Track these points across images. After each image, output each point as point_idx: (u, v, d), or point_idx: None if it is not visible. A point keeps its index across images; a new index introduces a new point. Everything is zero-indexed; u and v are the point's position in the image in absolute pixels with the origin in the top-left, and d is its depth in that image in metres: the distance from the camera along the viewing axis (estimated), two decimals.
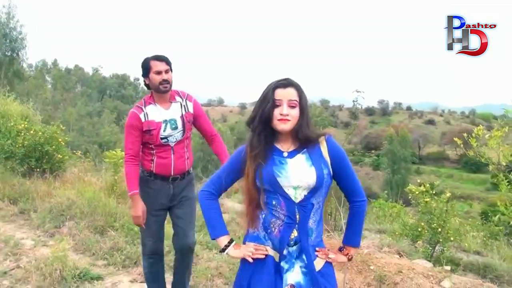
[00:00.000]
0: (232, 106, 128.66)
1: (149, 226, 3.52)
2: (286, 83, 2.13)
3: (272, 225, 2.14)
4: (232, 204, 9.93)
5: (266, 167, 2.11)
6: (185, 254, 3.69)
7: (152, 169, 3.49)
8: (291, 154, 2.15)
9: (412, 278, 4.76)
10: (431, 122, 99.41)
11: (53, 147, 8.50)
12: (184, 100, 3.53)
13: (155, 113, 3.41)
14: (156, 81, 3.32)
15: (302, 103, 2.14)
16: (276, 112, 2.10)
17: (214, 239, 2.29)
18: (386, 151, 56.75)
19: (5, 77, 33.24)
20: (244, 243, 2.25)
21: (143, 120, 3.37)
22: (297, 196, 2.10)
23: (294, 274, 2.12)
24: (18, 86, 34.51)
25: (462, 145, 4.89)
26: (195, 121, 3.60)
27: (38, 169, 8.32)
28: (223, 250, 2.24)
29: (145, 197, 3.48)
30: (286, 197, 2.10)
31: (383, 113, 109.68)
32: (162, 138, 3.41)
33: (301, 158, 2.14)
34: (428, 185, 7.40)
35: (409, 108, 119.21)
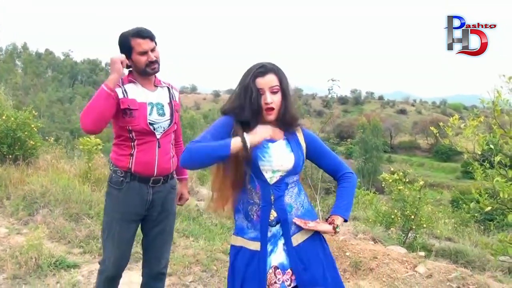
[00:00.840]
0: (206, 94, 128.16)
1: (114, 238, 2.84)
2: (264, 71, 2.11)
3: (250, 212, 2.14)
4: (208, 192, 9.91)
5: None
6: (158, 281, 3.14)
7: (130, 166, 2.77)
8: (273, 140, 2.16)
9: (388, 264, 4.85)
10: (402, 111, 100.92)
11: (26, 133, 8.32)
12: (170, 88, 2.98)
13: (136, 92, 2.78)
14: (141, 63, 2.73)
15: (283, 87, 2.13)
16: (260, 101, 2.10)
17: (227, 150, 1.98)
18: (358, 140, 57.38)
19: None
20: (235, 235, 2.22)
21: (120, 96, 2.71)
22: (272, 179, 2.13)
23: (277, 255, 2.12)
24: None
25: (437, 134, 4.97)
26: None
27: (10, 156, 8.13)
28: (244, 144, 2.00)
29: (113, 204, 2.85)
30: (263, 180, 2.12)
31: (356, 102, 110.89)
32: (150, 124, 2.76)
33: (282, 144, 2.17)
34: (401, 173, 7.54)
35: (381, 98, 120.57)
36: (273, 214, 2.12)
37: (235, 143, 1.99)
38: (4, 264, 4.26)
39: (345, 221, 2.20)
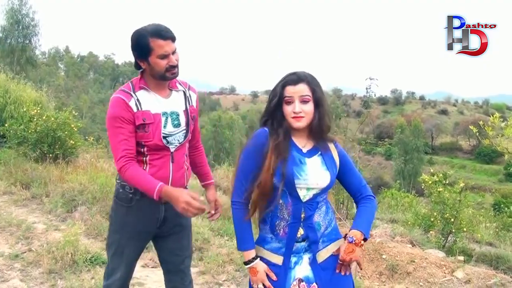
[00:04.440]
0: (244, 95, 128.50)
1: (123, 255, 2.59)
2: (296, 79, 2.08)
3: (277, 227, 2.12)
4: None
5: (287, 166, 2.05)
6: None
7: None
8: (310, 154, 2.13)
9: (425, 268, 4.73)
10: (444, 112, 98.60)
11: (66, 132, 8.53)
12: (187, 90, 2.62)
13: (150, 101, 2.44)
14: (161, 67, 2.37)
15: (315, 97, 2.09)
16: (289, 109, 2.08)
17: (240, 250, 2.19)
18: (397, 141, 56.51)
19: (17, 64, 33.42)
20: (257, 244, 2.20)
21: (134, 109, 2.38)
22: (306, 197, 2.09)
23: (302, 268, 2.11)
24: (31, 73, 34.67)
25: (477, 134, 4.81)
26: None
27: (50, 155, 8.36)
28: (247, 263, 2.14)
29: (121, 222, 2.58)
30: (296, 197, 2.08)
31: (396, 103, 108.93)
32: (164, 137, 2.45)
33: (317, 160, 2.13)
34: (441, 175, 7.36)
35: (422, 98, 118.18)
36: (300, 232, 2.10)
37: (246, 253, 2.14)
38: (41, 259, 4.36)
39: (365, 240, 2.11)
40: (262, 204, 2.12)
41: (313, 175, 2.08)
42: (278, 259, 2.11)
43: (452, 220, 6.57)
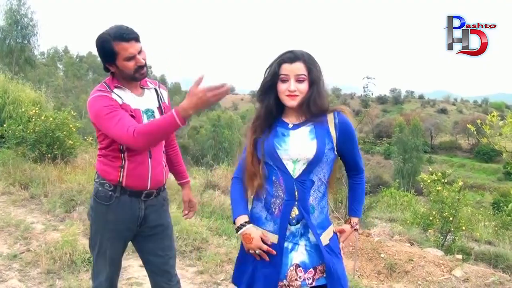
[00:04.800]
0: (243, 94, 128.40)
1: (106, 255, 2.57)
2: (292, 57, 2.05)
3: (272, 205, 2.10)
4: None
5: (267, 139, 2.08)
6: None
7: (120, 179, 2.46)
8: (296, 126, 2.11)
9: (423, 266, 4.73)
10: (443, 111, 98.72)
11: (64, 133, 8.54)
12: (158, 88, 2.65)
13: (127, 97, 2.43)
14: (129, 69, 2.36)
15: (311, 77, 2.07)
16: (283, 87, 2.06)
17: (234, 221, 2.17)
18: (396, 140, 56.52)
19: (16, 64, 33.39)
20: (249, 218, 2.18)
21: (119, 102, 2.37)
22: (296, 171, 2.06)
23: (298, 254, 2.08)
24: (30, 74, 34.65)
25: (475, 133, 4.82)
26: None
27: (49, 155, 8.36)
28: (239, 229, 2.12)
29: (101, 222, 2.55)
30: (285, 172, 2.06)
31: (395, 102, 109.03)
32: None
33: (305, 131, 2.09)
34: (440, 174, 7.37)
35: (421, 97, 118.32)
36: (295, 212, 2.06)
37: (237, 221, 2.15)
38: (39, 259, 4.35)
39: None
40: (254, 185, 2.14)
41: (295, 146, 2.05)
42: (273, 238, 2.08)
43: (451, 219, 6.59)
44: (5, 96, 11.36)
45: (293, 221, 2.07)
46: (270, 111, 2.12)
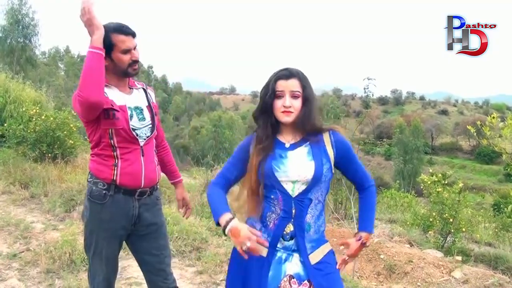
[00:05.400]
0: (244, 95, 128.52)
1: (102, 255, 2.58)
2: (288, 74, 2.09)
3: (268, 218, 2.11)
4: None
5: (266, 161, 2.09)
6: None
7: (114, 178, 2.48)
8: (293, 146, 2.12)
9: (423, 268, 4.73)
10: (444, 112, 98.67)
11: (65, 132, 8.54)
12: (146, 88, 2.71)
13: (113, 95, 2.47)
14: (124, 62, 2.44)
15: (305, 94, 2.10)
16: (279, 103, 2.08)
17: (217, 222, 2.06)
18: (397, 141, 56.55)
19: (17, 63, 33.38)
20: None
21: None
22: (295, 190, 2.07)
23: (292, 265, 2.08)
24: (31, 73, 34.62)
25: (475, 134, 4.81)
26: None
27: (49, 154, 8.36)
28: (225, 227, 1.99)
29: (96, 221, 2.55)
30: (284, 192, 2.07)
31: (396, 103, 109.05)
32: (133, 129, 2.50)
33: (302, 151, 2.11)
34: (440, 175, 7.37)
35: (422, 98, 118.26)
36: (290, 228, 2.07)
37: (222, 220, 2.01)
38: (39, 258, 4.37)
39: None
40: (254, 202, 2.13)
41: (294, 167, 2.06)
42: (264, 251, 2.07)
43: (451, 220, 6.58)
44: (6, 96, 11.36)
45: (287, 236, 2.08)
46: (267, 133, 2.13)
